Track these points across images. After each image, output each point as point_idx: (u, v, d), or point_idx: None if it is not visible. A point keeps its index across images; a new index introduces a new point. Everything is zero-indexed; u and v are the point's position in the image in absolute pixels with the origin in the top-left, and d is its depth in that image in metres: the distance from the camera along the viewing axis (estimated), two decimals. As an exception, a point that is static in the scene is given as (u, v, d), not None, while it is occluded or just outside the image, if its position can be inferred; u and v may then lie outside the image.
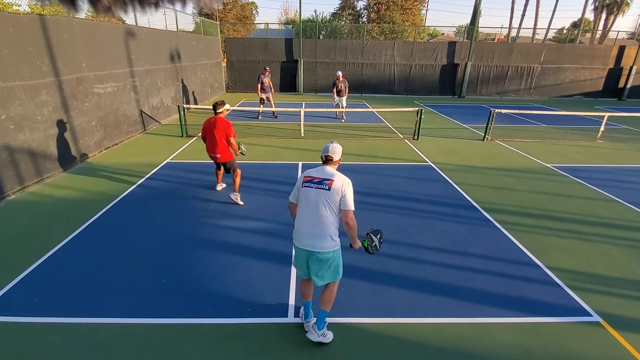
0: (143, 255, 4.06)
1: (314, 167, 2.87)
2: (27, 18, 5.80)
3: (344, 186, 2.61)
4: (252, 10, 38.43)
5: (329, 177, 2.66)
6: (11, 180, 5.45)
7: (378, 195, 5.81)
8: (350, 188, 2.63)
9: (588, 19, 40.30)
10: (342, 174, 2.68)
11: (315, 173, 2.74)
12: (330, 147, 2.78)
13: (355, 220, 2.62)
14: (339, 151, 2.78)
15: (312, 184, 2.69)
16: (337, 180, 2.64)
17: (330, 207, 2.62)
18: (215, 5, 14.65)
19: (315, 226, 2.65)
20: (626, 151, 8.93)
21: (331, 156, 2.75)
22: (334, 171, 2.71)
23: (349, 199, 2.60)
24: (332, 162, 2.77)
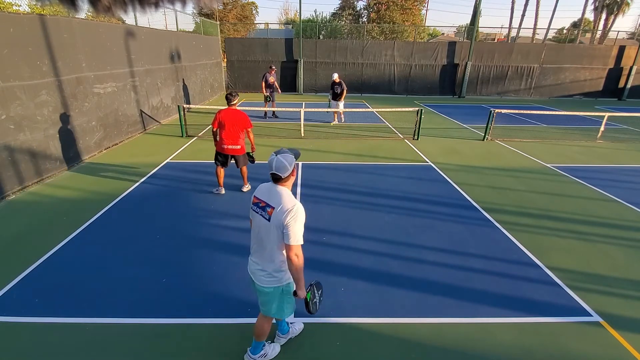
0: (143, 255, 4.06)
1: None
2: (27, 18, 5.81)
3: (288, 217, 2.06)
4: (252, 10, 38.42)
5: (272, 203, 2.15)
6: (11, 180, 5.45)
7: (378, 195, 5.81)
8: (299, 217, 2.08)
9: (588, 19, 40.31)
10: (292, 198, 2.15)
11: (262, 194, 2.26)
12: (274, 162, 2.13)
13: (301, 257, 2.15)
14: (287, 165, 2.13)
15: (258, 208, 2.25)
16: (280, 209, 2.10)
17: (271, 240, 2.19)
18: (215, 5, 14.65)
19: (256, 254, 2.33)
20: (626, 151, 8.93)
21: (278, 175, 2.14)
22: (282, 194, 2.15)
23: (294, 231, 2.07)
24: (281, 180, 2.18)
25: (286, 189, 2.19)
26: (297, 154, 2.24)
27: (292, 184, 2.26)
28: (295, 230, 2.08)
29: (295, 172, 2.24)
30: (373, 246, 4.33)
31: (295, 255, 2.11)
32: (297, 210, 2.09)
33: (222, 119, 5.25)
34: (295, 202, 2.12)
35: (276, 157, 2.13)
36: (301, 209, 2.12)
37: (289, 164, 2.14)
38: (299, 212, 2.10)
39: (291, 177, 2.21)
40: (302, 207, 2.14)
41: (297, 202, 2.12)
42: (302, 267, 2.18)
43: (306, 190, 5.93)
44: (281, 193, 2.16)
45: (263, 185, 2.32)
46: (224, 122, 5.26)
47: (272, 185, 2.22)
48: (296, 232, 2.08)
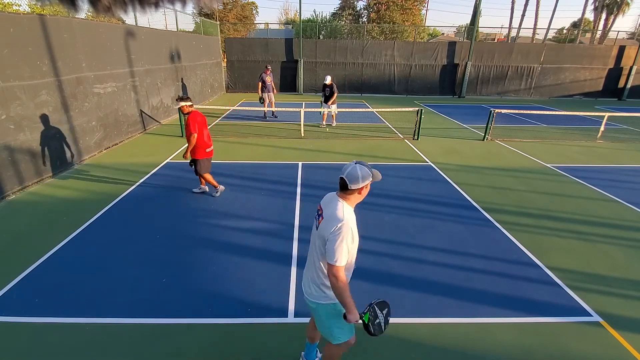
0: (143, 255, 4.06)
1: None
2: (27, 18, 5.80)
3: (332, 232, 1.89)
4: (252, 10, 38.42)
5: (324, 213, 2.02)
6: (11, 180, 5.45)
7: (378, 195, 5.81)
8: (343, 236, 1.88)
9: (588, 19, 40.30)
10: (343, 214, 1.93)
11: (323, 201, 2.14)
12: (349, 168, 1.96)
13: (341, 279, 1.93)
14: (359, 177, 1.92)
15: (316, 214, 2.13)
16: (327, 220, 1.95)
17: (316, 250, 2.07)
18: (215, 5, 14.65)
19: (308, 265, 2.23)
20: (626, 151, 8.93)
21: (345, 181, 1.94)
22: (338, 207, 1.97)
23: (333, 249, 1.87)
24: (346, 191, 1.97)
25: (345, 204, 1.99)
26: (377, 176, 2.02)
27: (355, 202, 2.04)
28: (335, 248, 1.87)
29: (363, 193, 2.02)
30: (373, 246, 4.33)
31: (333, 276, 1.91)
32: (344, 228, 1.88)
33: (202, 121, 5.16)
34: (345, 220, 1.90)
35: (354, 164, 1.97)
36: (348, 229, 1.89)
37: (362, 177, 1.93)
38: (345, 231, 1.88)
39: (357, 194, 1.99)
40: (350, 227, 1.92)
41: (347, 221, 1.90)
42: (343, 290, 1.93)
43: (306, 190, 5.93)
44: (337, 205, 1.97)
45: (329, 194, 2.16)
46: (204, 125, 5.21)
47: (335, 195, 2.07)
48: (335, 251, 1.87)
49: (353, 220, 1.98)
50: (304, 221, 4.89)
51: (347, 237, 1.89)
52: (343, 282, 1.93)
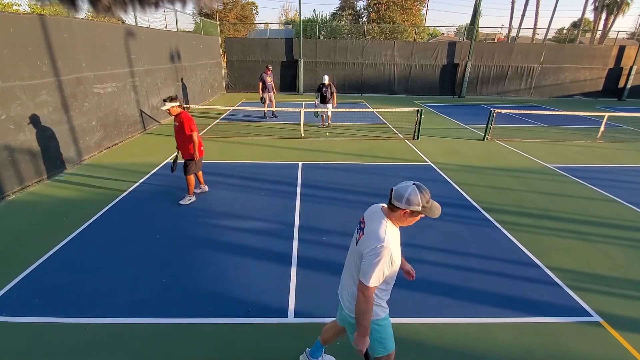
0: (143, 255, 4.06)
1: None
2: (27, 18, 5.80)
3: (370, 248, 1.80)
4: (252, 10, 38.42)
5: (366, 228, 1.91)
6: (11, 180, 5.45)
7: (378, 195, 5.81)
8: (380, 259, 1.77)
9: (588, 19, 40.30)
10: (385, 235, 1.81)
11: (367, 213, 2.01)
12: (402, 184, 1.85)
13: (369, 301, 1.84)
14: (405, 197, 1.79)
15: (358, 226, 2.03)
16: (367, 238, 1.86)
17: (354, 266, 1.98)
18: (215, 5, 14.65)
19: (345, 277, 2.16)
20: (626, 151, 8.93)
21: (390, 195, 1.85)
22: (381, 224, 1.85)
23: (368, 270, 1.79)
24: (390, 206, 1.86)
25: (389, 223, 1.86)
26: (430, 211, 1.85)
27: (399, 223, 1.89)
28: (370, 269, 1.78)
29: (407, 219, 1.86)
30: (373, 246, 4.33)
31: (361, 293, 1.83)
32: (383, 251, 1.77)
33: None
34: (386, 242, 1.79)
35: (412, 184, 1.83)
36: (388, 252, 1.78)
37: (407, 199, 1.78)
38: (384, 254, 1.77)
39: (402, 215, 1.83)
40: (390, 251, 1.80)
41: (388, 243, 1.79)
42: (366, 312, 1.84)
43: (306, 190, 5.93)
44: (380, 222, 1.86)
45: (375, 206, 2.02)
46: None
47: (379, 210, 1.94)
48: (370, 271, 1.78)
49: (395, 242, 1.86)
50: (304, 221, 4.89)
51: (385, 260, 1.78)
52: (369, 303, 1.84)
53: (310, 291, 3.51)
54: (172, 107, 4.93)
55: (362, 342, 1.93)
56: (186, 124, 4.95)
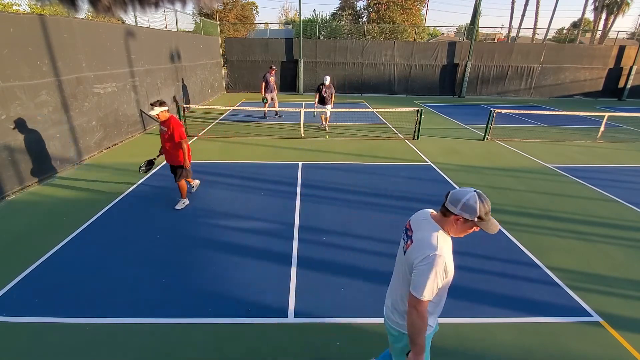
0: (143, 255, 4.06)
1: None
2: (27, 18, 5.81)
3: (422, 258, 1.66)
4: (252, 10, 38.42)
5: (415, 236, 1.77)
6: (11, 180, 5.45)
7: (378, 195, 5.81)
8: (434, 270, 1.63)
9: (588, 19, 40.29)
10: (438, 244, 1.67)
11: (415, 220, 1.88)
12: (460, 189, 1.73)
13: (423, 316, 1.69)
14: (461, 202, 1.65)
15: (404, 234, 1.88)
16: (417, 247, 1.72)
17: (403, 276, 1.83)
18: (215, 5, 14.65)
19: (391, 287, 2.02)
20: (626, 151, 8.93)
21: (445, 199, 1.74)
22: (432, 233, 1.71)
23: (420, 281, 1.65)
24: (444, 212, 1.73)
25: (441, 231, 1.72)
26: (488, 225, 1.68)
27: (451, 232, 1.74)
28: (423, 280, 1.63)
29: (459, 228, 1.70)
30: (373, 246, 4.34)
31: (414, 309, 1.68)
32: (436, 261, 1.63)
33: None
34: (439, 250, 1.65)
35: (472, 191, 1.68)
36: (442, 261, 1.64)
37: (463, 205, 1.63)
38: (439, 264, 1.63)
39: (453, 221, 1.68)
40: (445, 262, 1.65)
41: (442, 251, 1.65)
42: (420, 328, 1.70)
43: (306, 190, 5.93)
44: (431, 229, 1.73)
45: (423, 211, 1.90)
46: None
47: (429, 216, 1.82)
48: (423, 284, 1.63)
49: (448, 251, 1.71)
50: (304, 221, 4.90)
51: (439, 270, 1.63)
52: (423, 319, 1.69)
53: (310, 291, 3.51)
54: (161, 112, 4.65)
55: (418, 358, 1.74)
56: (177, 130, 4.73)
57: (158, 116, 4.69)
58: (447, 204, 1.70)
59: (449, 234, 1.74)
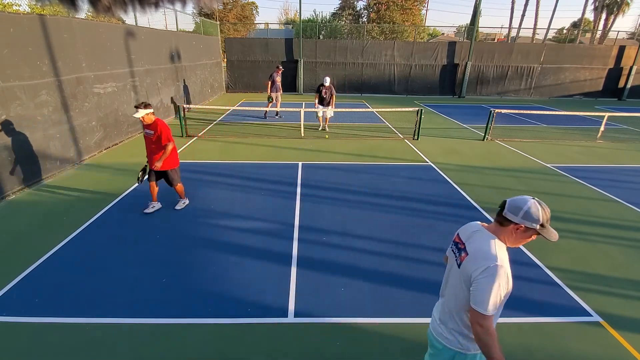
0: (143, 255, 4.06)
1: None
2: (27, 18, 5.80)
3: (483, 269, 1.57)
4: (252, 10, 38.42)
5: (468, 248, 1.71)
6: (11, 180, 5.45)
7: (378, 195, 5.81)
8: (495, 281, 1.55)
9: (588, 19, 40.30)
10: (497, 255, 1.60)
11: (464, 233, 1.83)
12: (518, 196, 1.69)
13: (490, 331, 1.60)
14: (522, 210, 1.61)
15: (455, 247, 1.83)
16: (473, 258, 1.65)
17: (457, 291, 1.74)
18: (215, 5, 14.65)
19: (441, 301, 1.94)
20: (626, 151, 8.93)
21: (503, 208, 1.67)
22: (489, 243, 1.64)
23: (482, 294, 1.56)
24: (501, 218, 1.66)
25: (498, 241, 1.65)
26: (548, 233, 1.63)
27: (507, 241, 1.67)
28: (486, 294, 1.55)
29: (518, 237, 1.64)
30: (373, 246, 4.34)
31: (478, 326, 1.59)
32: (498, 272, 1.54)
33: None
34: (499, 260, 1.57)
35: (532, 198, 1.67)
36: (504, 272, 1.56)
37: (525, 212, 1.59)
38: (500, 276, 1.54)
39: (513, 230, 1.62)
40: (506, 272, 1.57)
41: (502, 262, 1.58)
42: (492, 343, 1.61)
43: (306, 190, 5.93)
44: (488, 241, 1.65)
45: (472, 223, 1.85)
46: None
47: (481, 227, 1.76)
48: (486, 297, 1.55)
49: (507, 261, 1.63)
50: (304, 221, 4.90)
51: (501, 281, 1.55)
52: (490, 333, 1.60)
53: (310, 291, 3.51)
54: (146, 115, 4.45)
55: None
56: (165, 133, 4.57)
57: (143, 119, 4.47)
58: (506, 212, 1.63)
59: (506, 243, 1.67)
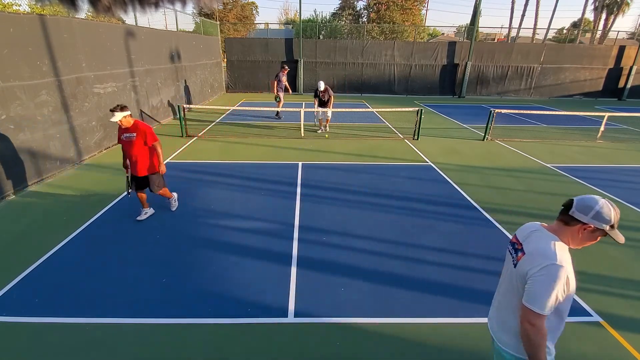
0: (143, 255, 4.06)
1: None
2: (27, 18, 5.80)
3: (539, 267, 1.53)
4: (252, 10, 38.42)
5: (525, 248, 1.66)
6: (11, 180, 5.45)
7: (378, 195, 5.81)
8: (552, 276, 1.50)
9: (588, 19, 40.30)
10: (559, 249, 1.55)
11: (521, 234, 1.78)
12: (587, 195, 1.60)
13: (540, 331, 1.54)
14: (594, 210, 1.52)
15: (512, 248, 1.80)
16: (534, 254, 1.59)
17: (514, 292, 1.70)
18: (215, 5, 14.65)
19: (499, 306, 1.90)
20: (626, 151, 8.93)
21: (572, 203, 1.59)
22: (548, 243, 1.58)
23: (536, 291, 1.52)
24: (567, 217, 1.59)
25: (559, 242, 1.58)
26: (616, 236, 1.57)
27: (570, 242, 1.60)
28: (540, 291, 1.51)
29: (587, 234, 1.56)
30: (373, 246, 4.34)
31: (528, 323, 1.54)
32: (557, 272, 1.49)
33: None
34: (559, 260, 1.51)
35: (598, 197, 1.56)
36: (564, 272, 1.50)
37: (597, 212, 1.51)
38: (559, 275, 1.49)
39: (580, 231, 1.55)
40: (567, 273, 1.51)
41: (562, 261, 1.51)
42: (539, 344, 1.55)
43: (306, 190, 5.93)
44: (548, 240, 1.59)
45: (531, 223, 1.80)
46: None
47: (540, 227, 1.70)
48: (540, 295, 1.51)
49: (570, 262, 1.55)
50: (304, 221, 4.90)
51: (560, 281, 1.49)
52: (541, 334, 1.54)
53: (310, 291, 3.51)
54: (124, 118, 4.18)
55: None
56: (149, 134, 4.34)
57: (121, 122, 4.19)
58: (575, 212, 1.55)
59: (569, 244, 1.60)
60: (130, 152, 4.39)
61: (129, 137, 4.32)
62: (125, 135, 4.35)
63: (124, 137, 4.36)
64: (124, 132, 4.35)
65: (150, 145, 4.43)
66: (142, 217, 4.84)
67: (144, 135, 4.34)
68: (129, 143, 4.34)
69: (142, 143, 4.37)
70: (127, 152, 4.43)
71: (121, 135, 4.38)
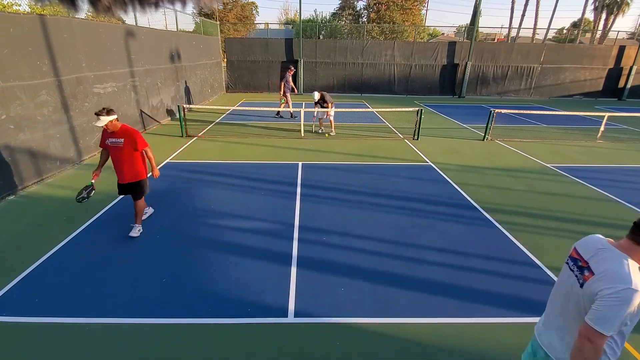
0: (143, 256, 4.06)
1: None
2: (27, 18, 5.80)
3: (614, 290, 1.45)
4: (252, 10, 38.42)
5: (594, 268, 1.56)
6: (11, 180, 5.45)
7: (378, 195, 5.81)
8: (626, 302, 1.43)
9: (588, 19, 40.31)
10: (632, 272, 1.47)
11: (585, 249, 1.68)
12: None
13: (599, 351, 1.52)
14: None
15: (574, 264, 1.72)
16: (606, 276, 1.50)
17: (579, 310, 1.64)
18: (215, 5, 14.65)
19: (557, 321, 1.80)
20: (626, 151, 8.93)
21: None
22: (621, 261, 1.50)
23: (606, 312, 1.46)
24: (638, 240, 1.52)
25: (632, 262, 1.49)
26: None
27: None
28: (610, 313, 1.44)
29: None
30: (373, 246, 4.33)
31: (587, 341, 1.49)
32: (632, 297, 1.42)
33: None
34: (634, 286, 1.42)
35: None
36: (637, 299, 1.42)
37: None
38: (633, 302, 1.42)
39: None
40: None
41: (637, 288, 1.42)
42: None
43: (306, 190, 5.93)
44: (621, 260, 1.50)
45: (591, 237, 1.70)
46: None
47: (609, 245, 1.59)
48: (608, 317, 1.44)
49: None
50: (304, 221, 4.89)
51: (632, 306, 1.43)
52: (598, 355, 1.52)
53: (310, 291, 3.51)
54: (110, 122, 3.93)
55: None
56: (139, 139, 4.13)
57: (107, 127, 3.94)
58: None
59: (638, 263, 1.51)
60: (118, 158, 4.16)
61: (116, 142, 4.08)
62: (110, 140, 4.09)
63: (109, 142, 4.11)
64: (109, 136, 4.08)
65: (140, 150, 4.21)
66: (134, 234, 4.43)
67: (133, 140, 4.10)
68: (117, 149, 4.11)
69: (131, 149, 4.13)
70: (114, 158, 4.18)
71: (106, 139, 4.12)
